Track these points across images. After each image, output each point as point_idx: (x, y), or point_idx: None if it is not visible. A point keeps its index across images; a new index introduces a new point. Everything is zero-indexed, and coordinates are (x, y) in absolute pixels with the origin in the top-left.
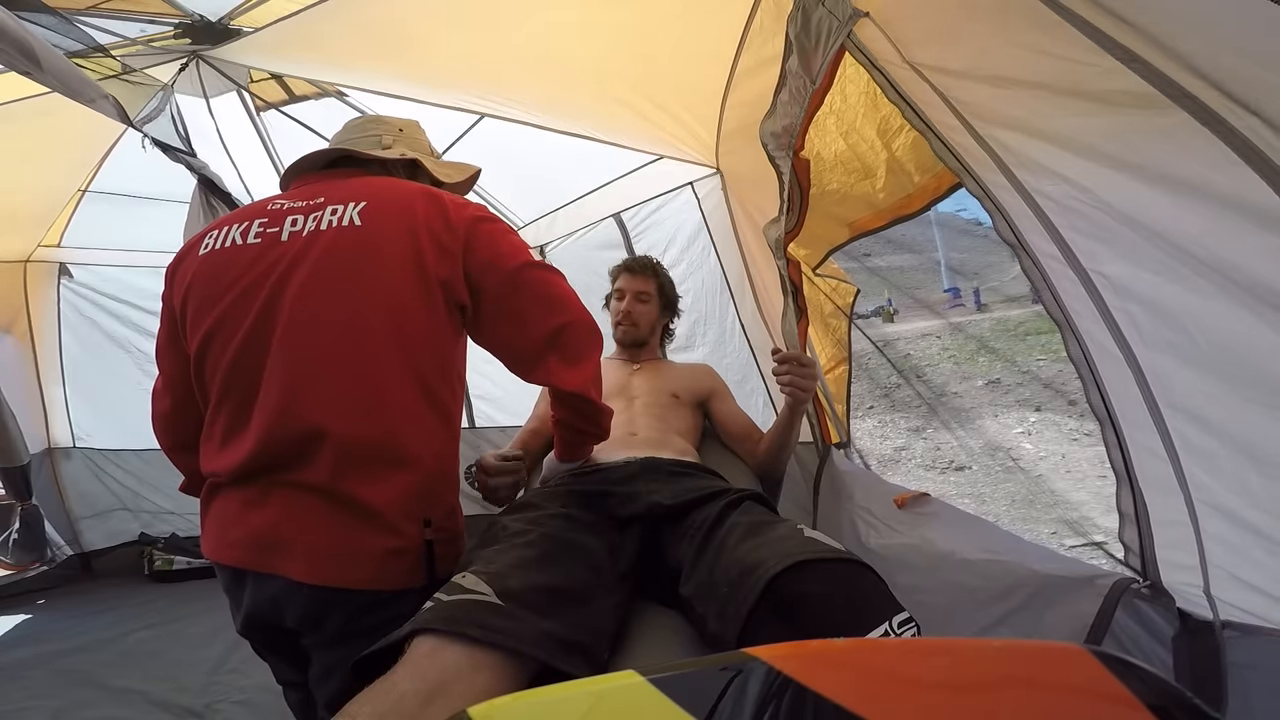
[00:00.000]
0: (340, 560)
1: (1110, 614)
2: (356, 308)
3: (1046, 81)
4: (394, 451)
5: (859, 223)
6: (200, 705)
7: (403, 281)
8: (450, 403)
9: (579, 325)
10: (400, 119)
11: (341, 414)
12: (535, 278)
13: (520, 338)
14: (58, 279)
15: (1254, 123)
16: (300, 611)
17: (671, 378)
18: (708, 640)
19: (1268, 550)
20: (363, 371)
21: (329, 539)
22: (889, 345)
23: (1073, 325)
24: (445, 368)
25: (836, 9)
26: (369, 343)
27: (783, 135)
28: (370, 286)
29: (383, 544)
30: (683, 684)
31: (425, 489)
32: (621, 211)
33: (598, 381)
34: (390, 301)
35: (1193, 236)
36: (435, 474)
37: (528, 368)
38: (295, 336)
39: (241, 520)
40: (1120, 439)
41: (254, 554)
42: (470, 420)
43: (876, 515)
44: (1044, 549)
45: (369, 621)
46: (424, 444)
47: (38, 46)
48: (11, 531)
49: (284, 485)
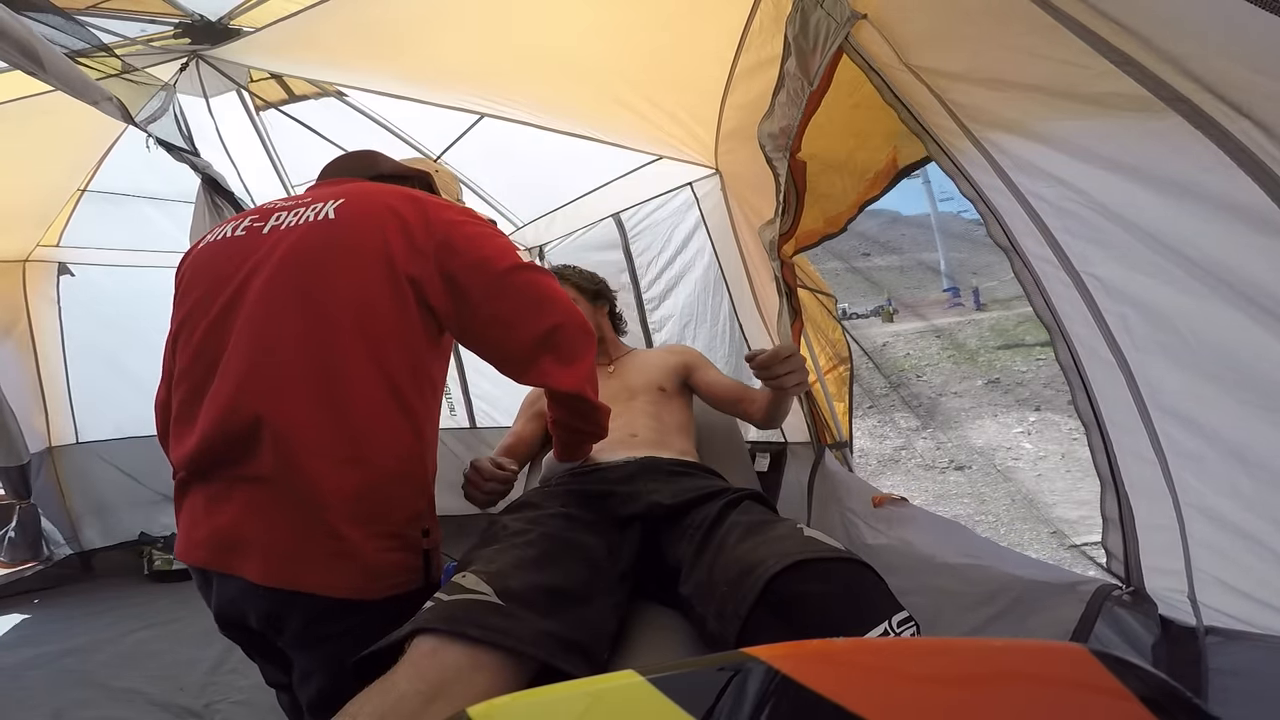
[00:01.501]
0: (292, 562)
1: (1092, 621)
2: (318, 300)
3: (1042, 84)
4: (347, 447)
5: (813, 230)
6: (200, 705)
7: (369, 277)
8: (418, 405)
9: (571, 325)
10: (444, 168)
11: (287, 403)
12: (524, 279)
13: (511, 340)
14: (57, 278)
15: (1246, 126)
16: (260, 612)
17: (650, 369)
18: (707, 640)
19: (1256, 554)
20: (320, 363)
21: (283, 539)
22: (888, 345)
23: (1063, 330)
24: (416, 368)
25: (835, 11)
26: (330, 335)
27: (780, 136)
28: (333, 280)
29: (325, 546)
30: (682, 683)
31: (381, 492)
32: (620, 212)
33: (593, 380)
34: (355, 296)
35: (1185, 239)
36: (395, 477)
37: (520, 369)
38: (253, 327)
39: (206, 519)
40: (1106, 443)
41: (216, 554)
42: (470, 420)
43: (859, 515)
44: (1022, 555)
45: (331, 628)
46: (384, 444)
47: (40, 47)
48: (8, 530)
49: (243, 481)
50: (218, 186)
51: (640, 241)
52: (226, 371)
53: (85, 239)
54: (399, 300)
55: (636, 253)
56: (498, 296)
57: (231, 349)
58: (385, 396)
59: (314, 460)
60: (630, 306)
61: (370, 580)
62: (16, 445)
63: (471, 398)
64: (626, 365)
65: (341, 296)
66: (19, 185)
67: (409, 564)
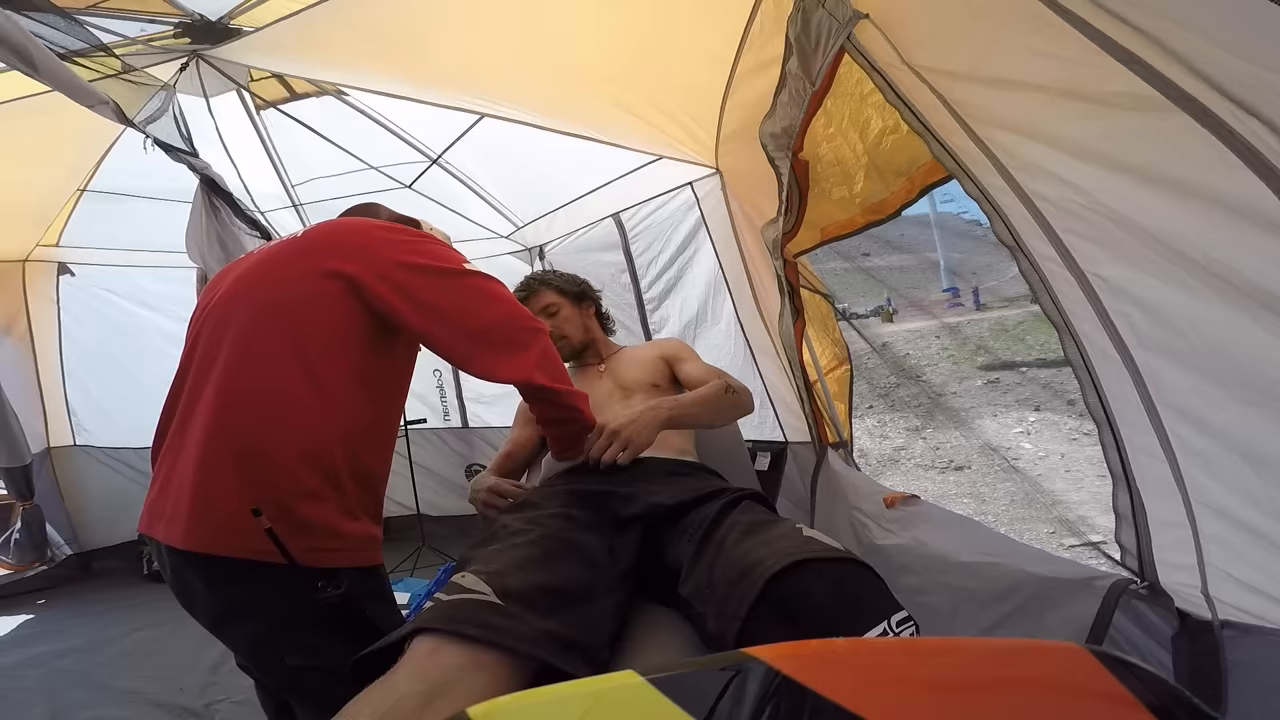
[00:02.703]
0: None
1: (1109, 615)
2: (256, 298)
3: (1046, 83)
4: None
5: (829, 229)
6: (200, 705)
7: (296, 273)
8: (331, 381)
9: (514, 319)
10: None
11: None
12: (470, 284)
13: (453, 335)
14: (56, 278)
15: (1255, 125)
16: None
17: (641, 366)
18: (707, 640)
19: (1266, 550)
20: (244, 339)
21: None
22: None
23: (1070, 327)
24: (329, 347)
25: (837, 11)
26: (262, 326)
27: (782, 136)
28: (266, 274)
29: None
30: (682, 684)
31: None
32: (620, 212)
33: (547, 368)
34: (288, 293)
35: (1190, 239)
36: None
37: (464, 362)
38: (213, 319)
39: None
40: (1118, 440)
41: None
42: (464, 421)
43: (869, 515)
44: (1037, 550)
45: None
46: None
47: (35, 50)
48: (12, 531)
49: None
50: (216, 187)
51: (640, 242)
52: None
53: (85, 239)
54: (325, 290)
55: (636, 253)
56: (442, 295)
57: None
58: (297, 372)
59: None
60: (631, 307)
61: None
62: (18, 446)
63: (465, 401)
64: (617, 364)
65: (263, 285)
66: (18, 185)
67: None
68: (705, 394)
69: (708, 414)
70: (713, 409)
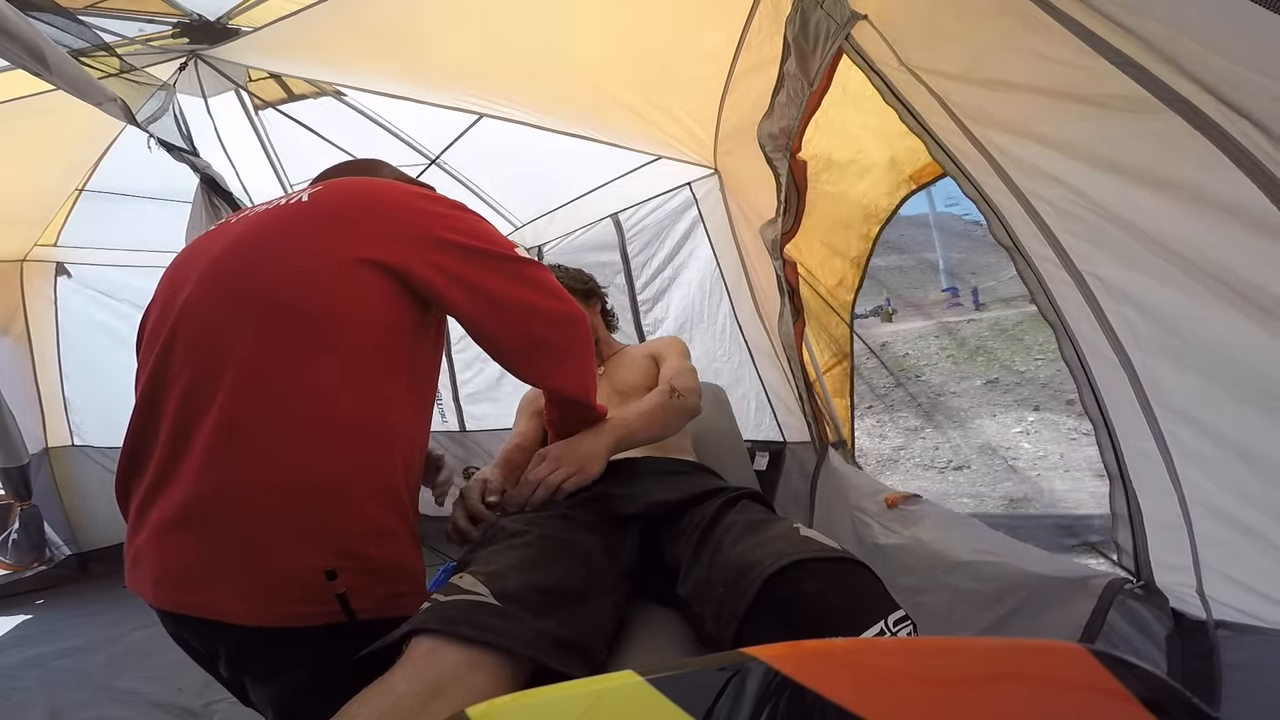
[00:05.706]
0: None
1: (1104, 614)
2: (244, 280)
3: (1041, 85)
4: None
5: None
6: (198, 705)
7: (316, 261)
8: (384, 393)
9: (569, 321)
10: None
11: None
12: (526, 274)
13: (508, 331)
14: (54, 278)
15: (1246, 127)
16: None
17: (638, 367)
18: (705, 640)
19: (1262, 550)
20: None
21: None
22: (887, 346)
23: (1067, 328)
24: (375, 353)
25: (835, 11)
26: (251, 313)
27: (780, 136)
28: (268, 258)
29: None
30: (681, 684)
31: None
32: (619, 212)
33: (589, 377)
34: (291, 273)
35: (1186, 240)
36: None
37: (511, 360)
38: (188, 307)
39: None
40: (1114, 441)
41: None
42: (461, 425)
43: (870, 514)
44: (1035, 549)
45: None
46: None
47: (47, 48)
48: (11, 531)
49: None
50: (216, 186)
51: (636, 242)
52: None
53: (83, 239)
54: (369, 293)
55: (632, 253)
56: (498, 283)
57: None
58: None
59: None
60: (625, 309)
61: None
62: (16, 446)
63: (461, 401)
64: (616, 366)
65: (274, 274)
66: (17, 184)
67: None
68: (649, 407)
69: (658, 427)
70: (661, 421)
